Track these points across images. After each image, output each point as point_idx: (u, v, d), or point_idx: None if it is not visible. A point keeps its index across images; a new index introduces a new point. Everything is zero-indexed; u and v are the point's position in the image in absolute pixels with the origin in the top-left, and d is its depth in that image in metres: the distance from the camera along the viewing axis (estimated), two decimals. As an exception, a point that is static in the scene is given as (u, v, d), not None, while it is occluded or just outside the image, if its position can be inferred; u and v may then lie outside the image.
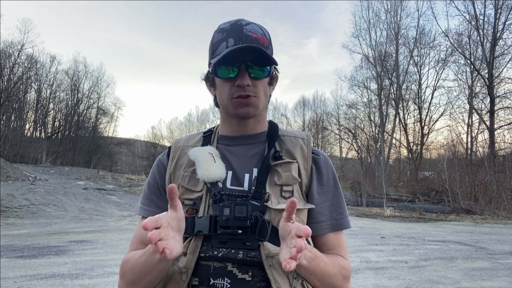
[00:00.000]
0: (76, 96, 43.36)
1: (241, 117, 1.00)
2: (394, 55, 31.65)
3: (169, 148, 1.10)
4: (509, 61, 24.99)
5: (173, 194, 0.80)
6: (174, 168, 1.04)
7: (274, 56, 1.02)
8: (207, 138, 1.08)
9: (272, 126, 1.08)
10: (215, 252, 0.91)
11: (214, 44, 1.00)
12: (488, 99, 24.83)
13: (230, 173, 1.00)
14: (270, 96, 1.06)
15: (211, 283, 0.90)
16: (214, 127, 1.12)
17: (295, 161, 1.01)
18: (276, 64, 0.99)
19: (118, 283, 1.00)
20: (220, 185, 0.96)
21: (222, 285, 0.89)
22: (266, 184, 0.96)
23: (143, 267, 0.89)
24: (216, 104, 1.07)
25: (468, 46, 26.69)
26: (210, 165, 0.96)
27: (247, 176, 0.99)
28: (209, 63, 1.03)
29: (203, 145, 1.06)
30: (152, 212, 1.02)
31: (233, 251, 0.90)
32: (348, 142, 38.13)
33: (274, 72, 1.05)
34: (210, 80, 1.05)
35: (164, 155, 1.10)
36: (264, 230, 0.89)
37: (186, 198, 0.98)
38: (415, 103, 31.97)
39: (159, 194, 1.05)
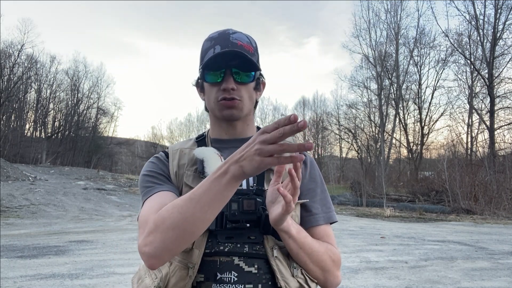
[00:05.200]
0: (76, 96, 43.41)
1: (226, 119, 1.05)
2: (394, 55, 31.68)
3: (165, 151, 1.12)
4: (509, 61, 25.01)
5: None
6: (177, 167, 1.05)
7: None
8: (201, 142, 1.11)
9: None
10: (221, 247, 0.93)
11: (203, 51, 1.06)
12: (488, 99, 24.83)
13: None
14: (256, 101, 1.11)
15: (218, 277, 0.91)
16: (204, 132, 1.16)
17: None
18: (259, 70, 1.05)
19: (147, 240, 0.84)
20: None
21: (229, 278, 0.91)
22: (264, 181, 1.01)
23: (201, 198, 0.79)
24: (206, 109, 1.12)
25: (468, 46, 26.72)
26: (218, 164, 0.98)
27: None
28: (199, 70, 1.08)
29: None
30: (168, 187, 0.99)
31: (239, 245, 0.93)
32: (348, 142, 38.18)
33: (261, 79, 1.10)
34: (200, 85, 1.11)
35: (163, 155, 1.10)
36: (268, 224, 0.92)
37: None
38: (415, 103, 31.99)
39: (166, 180, 1.03)
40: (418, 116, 31.59)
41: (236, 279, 0.91)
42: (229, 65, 1.00)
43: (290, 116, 0.68)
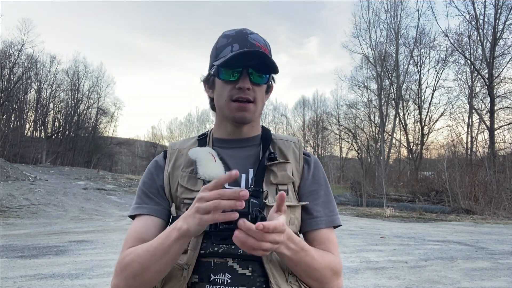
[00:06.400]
0: (76, 96, 43.44)
1: (237, 121, 1.03)
2: (394, 55, 31.67)
3: (165, 150, 1.12)
4: (509, 61, 25.00)
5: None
6: (172, 169, 1.06)
7: (273, 58, 1.07)
8: (202, 141, 1.11)
9: (265, 130, 1.13)
10: (216, 248, 0.92)
11: (218, 48, 1.04)
12: (488, 99, 24.84)
13: (227, 173, 1.01)
14: (264, 104, 1.11)
15: (211, 278, 0.91)
16: (208, 131, 1.15)
17: (289, 161, 1.05)
18: (277, 73, 1.04)
19: (113, 282, 0.93)
20: None
21: (223, 280, 0.91)
22: (263, 183, 1.00)
23: (155, 252, 0.86)
24: (213, 107, 1.10)
25: (468, 46, 26.71)
26: (211, 164, 0.98)
27: (243, 176, 1.02)
28: (211, 66, 1.06)
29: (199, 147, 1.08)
30: (151, 209, 1.02)
31: (233, 247, 0.92)
32: (348, 142, 38.15)
33: (271, 82, 1.09)
34: (210, 82, 1.08)
35: (161, 157, 1.11)
36: None
37: (186, 197, 1.00)
38: (415, 103, 31.99)
39: (157, 193, 1.05)
40: (418, 116, 31.62)
41: (229, 281, 0.90)
42: (247, 65, 0.99)
43: (239, 192, 0.73)
